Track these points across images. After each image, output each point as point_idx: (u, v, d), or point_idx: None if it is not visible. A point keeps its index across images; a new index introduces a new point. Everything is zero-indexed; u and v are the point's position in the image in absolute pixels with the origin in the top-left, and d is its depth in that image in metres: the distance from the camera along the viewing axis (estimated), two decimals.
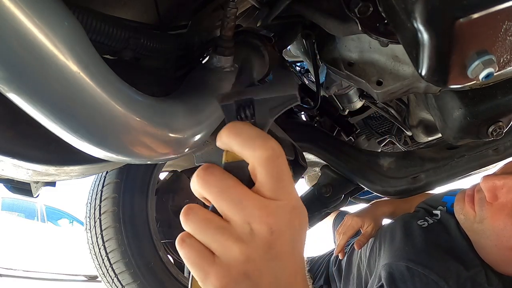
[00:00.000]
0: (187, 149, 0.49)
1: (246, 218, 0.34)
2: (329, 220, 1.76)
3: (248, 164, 0.35)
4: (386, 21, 0.54)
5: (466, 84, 0.45)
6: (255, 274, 0.34)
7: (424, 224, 0.99)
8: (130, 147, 0.41)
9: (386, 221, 1.27)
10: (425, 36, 0.41)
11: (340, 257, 1.32)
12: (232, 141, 0.35)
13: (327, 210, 1.20)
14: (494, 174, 0.83)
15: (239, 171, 0.36)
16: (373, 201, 1.39)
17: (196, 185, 0.35)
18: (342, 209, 1.76)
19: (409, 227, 1.00)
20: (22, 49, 0.29)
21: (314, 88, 1.17)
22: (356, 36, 0.78)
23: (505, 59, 0.41)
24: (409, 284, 0.79)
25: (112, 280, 1.23)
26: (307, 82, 1.44)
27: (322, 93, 1.10)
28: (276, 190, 0.35)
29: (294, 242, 0.37)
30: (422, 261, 0.82)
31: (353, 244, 1.23)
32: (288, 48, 1.17)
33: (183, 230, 0.38)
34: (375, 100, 1.10)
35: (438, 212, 1.04)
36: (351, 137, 1.40)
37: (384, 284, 0.82)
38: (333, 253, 1.43)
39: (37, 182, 0.68)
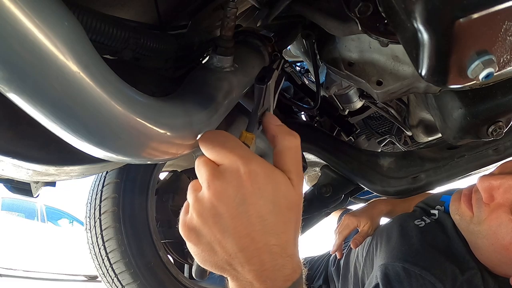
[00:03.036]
0: (187, 149, 0.49)
1: (202, 180, 0.43)
2: (334, 218, 1.76)
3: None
4: (386, 21, 0.54)
5: (466, 84, 0.45)
6: (203, 228, 0.42)
7: (421, 224, 0.99)
8: (130, 147, 0.41)
9: (384, 220, 1.26)
10: (425, 36, 0.41)
11: (338, 256, 1.32)
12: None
13: (327, 210, 1.20)
14: (491, 174, 0.82)
15: None
16: (371, 200, 1.38)
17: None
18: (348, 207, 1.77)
19: (406, 227, 0.99)
20: (22, 49, 0.29)
21: (314, 88, 1.17)
22: (356, 36, 0.78)
23: (505, 59, 0.41)
24: (405, 284, 0.78)
25: (112, 280, 1.23)
26: (307, 82, 1.44)
27: (322, 93, 1.10)
28: (215, 157, 0.43)
29: (243, 202, 0.41)
30: (418, 262, 0.82)
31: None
32: (288, 48, 1.17)
33: None
34: (375, 100, 1.10)
35: (435, 211, 1.04)
36: (351, 137, 1.40)
37: (380, 284, 0.82)
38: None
39: (37, 182, 0.67)
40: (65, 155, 0.49)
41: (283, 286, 0.43)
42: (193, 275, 0.57)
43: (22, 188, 0.68)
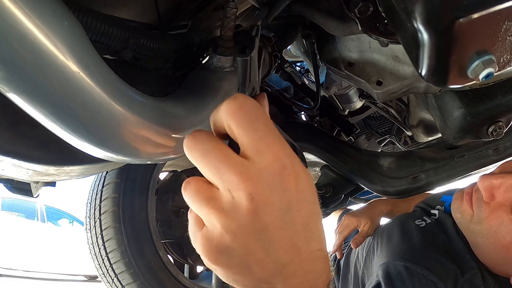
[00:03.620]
0: None
1: (226, 185, 0.31)
2: (334, 218, 1.76)
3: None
4: (386, 21, 0.54)
5: (466, 84, 0.45)
6: (239, 248, 0.32)
7: (421, 223, 0.99)
8: (130, 147, 0.41)
9: (384, 221, 1.27)
10: (425, 36, 0.41)
11: (338, 256, 1.32)
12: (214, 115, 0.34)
13: (327, 210, 1.19)
14: (492, 174, 0.83)
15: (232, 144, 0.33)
16: (371, 200, 1.38)
17: (185, 152, 0.33)
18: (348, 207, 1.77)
19: (407, 226, 0.99)
20: (22, 49, 0.29)
21: (314, 88, 1.17)
22: (356, 36, 0.78)
23: (505, 59, 0.41)
24: (407, 283, 0.79)
25: (112, 280, 1.23)
26: (307, 82, 1.44)
27: (322, 93, 1.10)
28: (253, 144, 0.31)
29: (289, 210, 0.33)
30: (420, 261, 0.82)
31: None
32: (288, 48, 1.17)
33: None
34: (375, 100, 1.10)
35: (436, 211, 1.04)
36: (351, 137, 1.40)
37: (382, 283, 0.82)
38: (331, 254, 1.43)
39: (37, 182, 0.67)
40: (65, 155, 0.49)
41: None
42: None
43: (22, 188, 0.68)
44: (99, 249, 1.23)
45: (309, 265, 0.35)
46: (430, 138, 1.15)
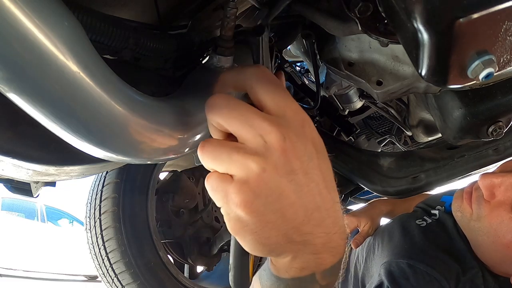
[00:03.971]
0: (187, 149, 0.49)
1: (257, 131, 0.33)
2: None
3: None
4: (386, 21, 0.54)
5: (466, 84, 0.45)
6: (275, 189, 0.33)
7: (422, 223, 0.99)
8: (130, 147, 0.41)
9: (384, 221, 1.26)
10: (425, 36, 0.41)
11: None
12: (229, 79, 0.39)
13: None
14: (492, 173, 0.83)
15: None
16: (371, 200, 1.38)
17: (207, 110, 0.36)
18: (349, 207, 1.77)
19: (408, 226, 1.00)
20: (22, 49, 0.29)
21: (314, 88, 1.17)
22: (356, 36, 0.78)
23: (505, 59, 0.41)
24: (412, 280, 0.79)
25: (112, 280, 1.23)
26: (307, 82, 1.44)
27: (322, 93, 1.10)
28: (277, 101, 0.35)
29: (312, 158, 0.35)
30: (423, 259, 0.82)
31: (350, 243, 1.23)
32: (288, 48, 1.17)
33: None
34: (375, 100, 1.10)
35: (436, 212, 1.04)
36: (351, 137, 1.40)
37: (385, 281, 0.82)
38: None
39: (37, 182, 0.68)
40: (65, 155, 0.49)
41: (343, 251, 0.40)
42: (232, 285, 0.48)
43: (22, 188, 0.68)
44: (99, 249, 1.23)
45: (334, 215, 0.37)
46: (430, 138, 1.15)
